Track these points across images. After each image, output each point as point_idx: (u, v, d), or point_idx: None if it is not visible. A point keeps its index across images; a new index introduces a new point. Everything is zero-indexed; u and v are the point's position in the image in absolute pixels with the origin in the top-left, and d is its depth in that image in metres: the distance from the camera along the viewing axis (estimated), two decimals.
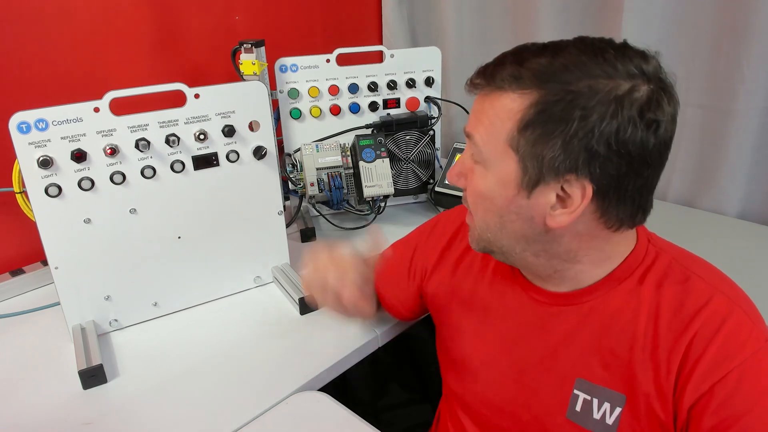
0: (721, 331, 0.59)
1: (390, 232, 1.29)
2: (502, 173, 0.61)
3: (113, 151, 0.88)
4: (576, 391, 0.67)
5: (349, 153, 1.30)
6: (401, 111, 1.37)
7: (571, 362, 0.68)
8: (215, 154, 0.96)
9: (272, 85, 1.28)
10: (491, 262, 0.78)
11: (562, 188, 0.59)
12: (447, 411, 0.86)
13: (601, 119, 0.55)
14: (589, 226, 0.62)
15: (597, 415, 0.65)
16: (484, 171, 0.63)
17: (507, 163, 0.60)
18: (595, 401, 0.65)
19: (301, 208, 1.32)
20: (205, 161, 0.96)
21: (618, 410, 0.64)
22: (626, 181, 0.58)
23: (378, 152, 1.26)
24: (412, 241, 0.91)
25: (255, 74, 1.19)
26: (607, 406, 0.65)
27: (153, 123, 0.90)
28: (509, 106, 0.59)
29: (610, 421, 0.64)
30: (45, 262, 1.07)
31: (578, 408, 0.67)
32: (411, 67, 1.35)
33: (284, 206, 1.09)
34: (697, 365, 0.59)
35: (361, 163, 1.25)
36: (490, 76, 0.61)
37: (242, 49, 1.18)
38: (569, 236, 0.63)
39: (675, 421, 0.61)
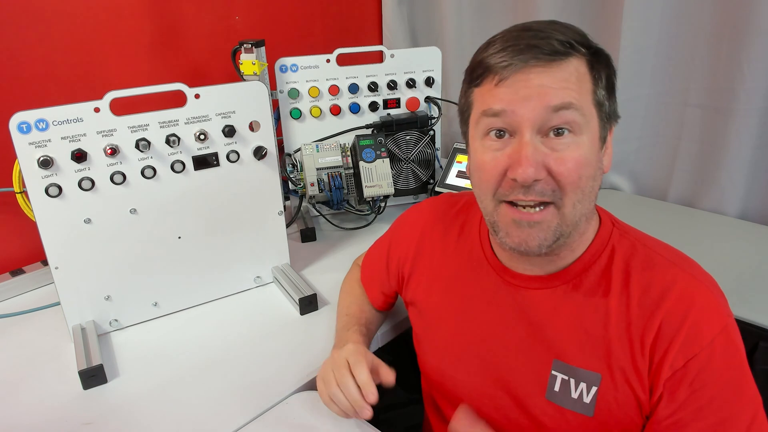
0: (691, 311, 0.62)
1: None
2: (592, 132, 0.63)
3: (113, 151, 0.88)
4: (554, 372, 0.68)
5: (349, 153, 1.30)
6: (401, 111, 1.37)
7: (548, 344, 0.69)
8: (215, 155, 0.96)
9: (272, 85, 1.28)
10: (466, 247, 0.79)
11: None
12: (431, 406, 0.87)
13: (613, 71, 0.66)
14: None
15: (575, 395, 0.67)
16: (577, 138, 0.62)
17: (594, 122, 0.64)
18: (572, 381, 0.67)
19: (302, 208, 1.32)
20: (206, 161, 0.96)
21: (594, 389, 0.65)
22: None
23: (378, 152, 1.26)
24: (386, 239, 0.94)
25: (255, 74, 1.19)
26: (583, 385, 0.66)
27: (153, 123, 0.90)
28: (581, 69, 0.62)
29: (587, 399, 0.66)
30: (45, 262, 1.07)
31: (557, 388, 0.68)
32: (411, 67, 1.35)
33: (284, 206, 1.09)
34: (671, 345, 0.61)
35: (362, 163, 1.25)
36: (548, 48, 0.61)
37: (242, 49, 1.18)
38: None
39: (650, 395, 0.63)
